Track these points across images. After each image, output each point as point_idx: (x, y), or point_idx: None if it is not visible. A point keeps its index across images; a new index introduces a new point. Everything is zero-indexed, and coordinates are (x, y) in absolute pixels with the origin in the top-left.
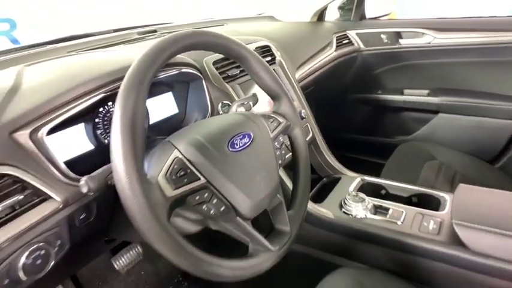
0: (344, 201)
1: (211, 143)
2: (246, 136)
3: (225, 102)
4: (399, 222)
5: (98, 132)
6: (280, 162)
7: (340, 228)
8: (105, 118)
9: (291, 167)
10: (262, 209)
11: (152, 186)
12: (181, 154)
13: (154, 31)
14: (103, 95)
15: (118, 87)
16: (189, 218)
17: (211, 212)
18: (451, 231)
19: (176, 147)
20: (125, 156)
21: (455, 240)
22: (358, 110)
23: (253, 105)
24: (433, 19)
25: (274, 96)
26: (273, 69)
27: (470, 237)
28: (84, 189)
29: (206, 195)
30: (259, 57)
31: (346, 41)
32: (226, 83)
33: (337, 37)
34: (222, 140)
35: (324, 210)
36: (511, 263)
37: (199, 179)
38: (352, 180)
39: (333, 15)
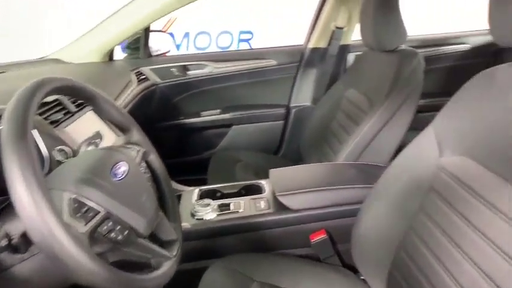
0: (194, 210)
1: (97, 176)
2: (123, 165)
3: (60, 147)
4: (241, 211)
5: None
6: (150, 183)
7: (199, 233)
8: None
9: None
10: (154, 225)
11: (68, 226)
12: (74, 194)
13: None
14: None
15: None
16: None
17: (119, 237)
18: (277, 202)
19: (65, 190)
20: (38, 205)
21: (282, 207)
22: (167, 137)
23: (101, 142)
24: (210, 53)
25: (124, 129)
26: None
27: (290, 201)
28: None
29: (111, 223)
30: (105, 95)
31: (143, 76)
32: (54, 128)
33: (135, 73)
34: (104, 171)
35: None
36: (319, 209)
37: (100, 211)
38: (192, 192)
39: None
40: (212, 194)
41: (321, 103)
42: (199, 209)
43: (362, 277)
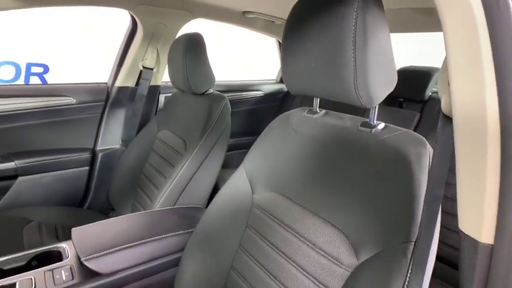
0: None
1: None
2: None
3: None
4: None
5: None
6: None
7: None
8: None
9: None
10: None
11: None
12: None
13: None
14: None
15: None
16: None
17: None
18: (84, 269)
19: None
20: None
21: (91, 274)
22: None
23: None
24: None
25: None
26: None
27: (99, 265)
28: None
29: None
30: None
31: None
32: None
33: None
34: None
35: None
36: (136, 267)
37: None
38: None
39: None
40: None
41: (132, 145)
42: None
43: None
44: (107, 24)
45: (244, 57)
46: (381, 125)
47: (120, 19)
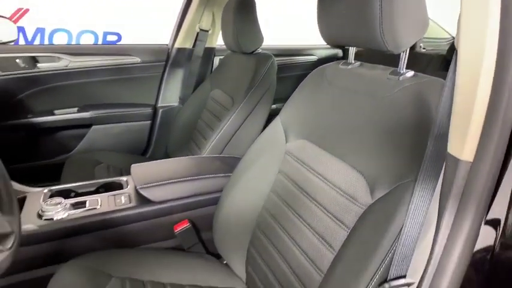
0: (41, 210)
1: None
2: None
3: None
4: (98, 207)
5: None
6: None
7: (48, 235)
8: None
9: None
10: None
11: None
12: None
13: None
14: None
15: None
16: None
17: None
18: (138, 196)
19: None
20: None
21: (144, 201)
22: (10, 138)
23: None
24: (66, 45)
25: None
26: None
27: (151, 193)
28: None
29: None
30: None
31: None
32: None
33: None
34: None
35: (23, 226)
36: (181, 199)
37: None
38: (39, 193)
39: None
40: (65, 194)
41: (188, 103)
42: (48, 209)
43: (225, 261)
44: None
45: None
46: (410, 73)
47: None
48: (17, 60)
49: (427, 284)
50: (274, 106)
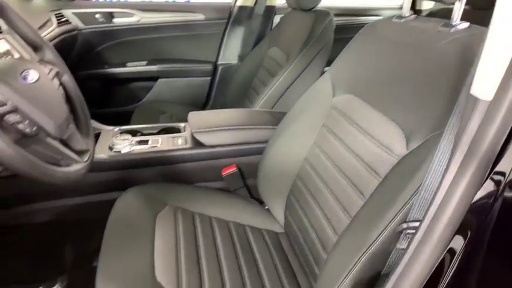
0: (112, 144)
1: (5, 74)
2: (32, 73)
3: None
4: (158, 145)
5: None
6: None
7: (115, 164)
8: None
9: None
10: (64, 131)
11: None
12: None
13: None
14: None
15: None
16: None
17: (27, 130)
18: (193, 140)
19: None
20: None
21: (198, 144)
22: (90, 86)
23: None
24: (138, 2)
25: (36, 47)
26: None
27: (204, 138)
28: None
29: (18, 116)
30: (15, 10)
31: (64, 19)
32: None
33: (55, 15)
34: (13, 73)
35: (97, 155)
36: (231, 146)
37: (6, 103)
38: (111, 131)
39: None
40: (132, 134)
41: (246, 61)
42: (117, 143)
43: (266, 207)
44: None
45: None
46: (464, 25)
47: None
48: (96, 16)
49: (427, 223)
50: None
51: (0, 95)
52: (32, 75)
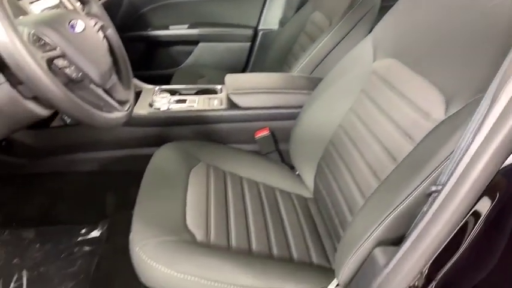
0: (152, 101)
1: (55, 22)
2: (79, 23)
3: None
4: (195, 105)
5: None
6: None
7: (154, 121)
8: None
9: None
10: (107, 80)
11: (28, 47)
12: (33, 29)
13: None
14: None
15: None
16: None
17: (74, 75)
18: (229, 101)
19: (26, 26)
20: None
21: (233, 106)
22: (134, 47)
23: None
24: None
25: (84, 1)
26: None
27: (239, 99)
28: None
29: (66, 62)
30: None
31: None
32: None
33: None
34: (62, 22)
35: (138, 111)
36: (265, 109)
37: (56, 48)
38: (152, 89)
39: None
40: (171, 93)
41: (288, 26)
42: (157, 100)
43: (297, 172)
44: None
45: None
46: None
47: None
48: None
49: (451, 185)
50: None
51: (50, 40)
52: (79, 25)
